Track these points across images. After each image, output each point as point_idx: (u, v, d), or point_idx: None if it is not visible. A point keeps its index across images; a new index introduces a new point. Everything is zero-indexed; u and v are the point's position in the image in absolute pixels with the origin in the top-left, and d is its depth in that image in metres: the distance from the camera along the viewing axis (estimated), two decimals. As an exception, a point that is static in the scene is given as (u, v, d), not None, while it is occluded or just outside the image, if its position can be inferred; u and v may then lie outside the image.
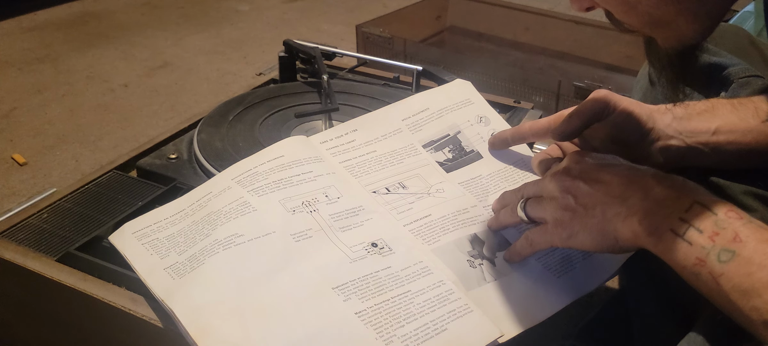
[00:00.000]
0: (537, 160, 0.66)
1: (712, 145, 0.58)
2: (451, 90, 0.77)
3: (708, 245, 0.42)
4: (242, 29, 2.17)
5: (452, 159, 0.70)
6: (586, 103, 0.60)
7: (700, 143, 0.59)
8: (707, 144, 0.58)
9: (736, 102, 0.59)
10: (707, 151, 0.59)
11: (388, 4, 2.40)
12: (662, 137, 0.60)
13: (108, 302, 0.57)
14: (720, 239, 0.42)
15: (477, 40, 1.93)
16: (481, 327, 0.53)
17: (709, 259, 0.42)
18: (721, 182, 0.58)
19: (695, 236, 0.43)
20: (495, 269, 0.58)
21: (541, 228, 0.55)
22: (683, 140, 0.59)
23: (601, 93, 0.60)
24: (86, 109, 1.58)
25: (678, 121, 0.59)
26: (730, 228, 0.42)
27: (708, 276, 0.42)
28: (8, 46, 1.94)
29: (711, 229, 0.43)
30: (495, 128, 0.73)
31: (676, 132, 0.59)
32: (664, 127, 0.60)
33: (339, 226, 0.60)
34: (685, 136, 0.59)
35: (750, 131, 0.57)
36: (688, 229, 0.44)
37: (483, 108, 0.75)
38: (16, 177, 1.29)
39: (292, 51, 1.01)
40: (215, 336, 0.49)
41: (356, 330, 0.50)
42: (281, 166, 0.64)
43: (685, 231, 0.44)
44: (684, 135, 0.59)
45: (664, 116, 0.60)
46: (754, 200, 0.57)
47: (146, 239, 0.59)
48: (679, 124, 0.59)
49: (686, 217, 0.44)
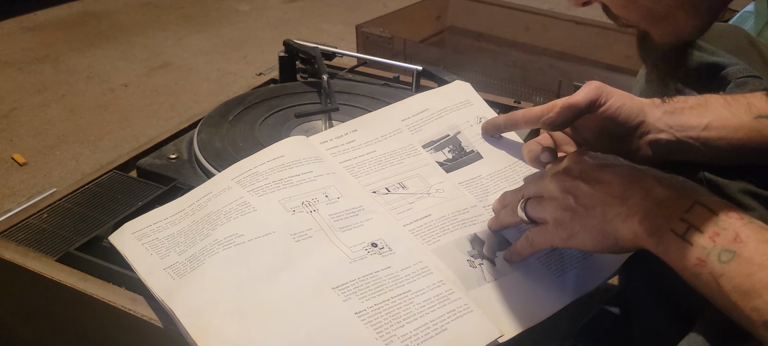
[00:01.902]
0: (527, 148, 0.65)
1: (702, 139, 0.58)
2: (451, 91, 0.77)
3: (709, 246, 0.42)
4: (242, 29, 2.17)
5: (452, 159, 0.70)
6: (578, 94, 0.60)
7: (691, 138, 0.59)
8: (698, 139, 0.58)
9: (730, 98, 0.59)
10: (697, 146, 0.58)
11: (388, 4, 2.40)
12: (652, 130, 0.60)
13: (108, 302, 0.57)
14: (721, 240, 0.42)
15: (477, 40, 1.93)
16: (481, 327, 0.53)
17: (709, 259, 0.42)
18: (718, 180, 0.58)
19: (696, 237, 0.43)
20: (495, 269, 0.58)
21: (542, 228, 0.55)
22: (673, 134, 0.59)
23: (593, 84, 0.60)
24: (86, 109, 1.58)
25: (669, 115, 0.59)
26: (731, 228, 0.42)
27: (708, 276, 0.42)
28: (8, 46, 1.94)
29: (712, 229, 0.43)
30: None
31: (667, 126, 0.59)
32: (654, 120, 0.60)
33: (339, 226, 0.60)
34: (676, 130, 0.59)
35: (742, 127, 0.57)
36: (688, 229, 0.44)
37: (482, 109, 0.75)
38: (16, 177, 1.29)
39: (292, 51, 1.01)
40: (215, 336, 0.49)
41: (356, 330, 0.50)
42: (281, 167, 0.64)
43: (686, 231, 0.44)
44: (674, 129, 0.59)
45: (655, 110, 0.60)
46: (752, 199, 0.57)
47: (146, 239, 0.59)
48: (670, 118, 0.59)
49: (687, 217, 0.44)
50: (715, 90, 0.63)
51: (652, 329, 0.63)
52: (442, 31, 1.96)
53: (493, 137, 0.72)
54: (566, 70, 1.68)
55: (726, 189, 0.58)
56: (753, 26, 1.30)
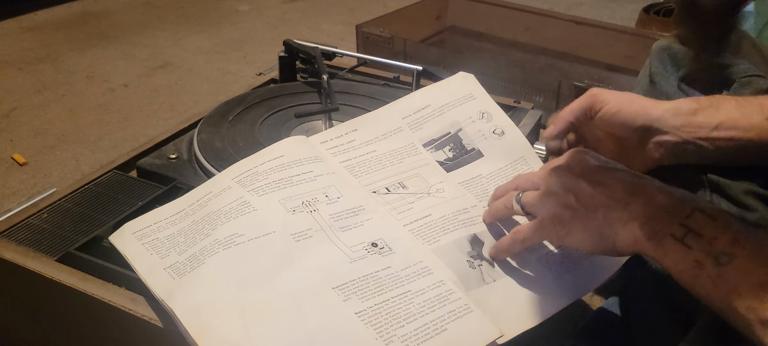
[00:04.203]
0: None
1: (712, 140, 0.58)
2: (453, 84, 0.76)
3: (706, 249, 0.43)
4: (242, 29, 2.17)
5: (453, 158, 0.69)
6: (573, 103, 0.60)
7: (700, 138, 0.58)
8: (708, 139, 0.58)
9: (742, 99, 0.59)
10: (707, 147, 0.58)
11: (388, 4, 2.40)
12: (659, 132, 0.59)
13: (108, 302, 0.57)
14: (718, 243, 0.42)
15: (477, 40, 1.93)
16: (481, 327, 0.53)
17: (707, 262, 0.42)
18: (721, 180, 0.58)
19: (694, 241, 0.43)
20: (494, 271, 0.58)
21: (536, 223, 0.55)
22: (681, 135, 0.59)
23: (590, 92, 0.60)
24: (86, 109, 1.58)
25: (678, 116, 0.59)
26: (729, 233, 0.42)
27: (706, 278, 0.42)
28: (8, 46, 1.94)
29: (710, 233, 0.43)
30: (497, 124, 0.73)
31: (674, 127, 0.59)
32: (660, 122, 0.59)
33: (339, 226, 0.60)
34: (685, 130, 0.59)
35: (753, 128, 0.57)
36: (687, 233, 0.44)
37: (485, 103, 0.74)
38: (16, 177, 1.29)
39: (292, 51, 1.01)
40: (215, 336, 0.49)
41: (356, 330, 0.50)
42: (281, 166, 0.64)
43: (684, 235, 0.44)
44: (683, 130, 0.59)
45: (664, 111, 0.60)
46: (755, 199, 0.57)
47: (146, 239, 0.59)
48: (677, 119, 0.59)
49: (686, 222, 0.44)
50: (718, 90, 0.63)
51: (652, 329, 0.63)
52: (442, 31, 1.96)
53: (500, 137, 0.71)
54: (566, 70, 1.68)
55: (729, 189, 0.58)
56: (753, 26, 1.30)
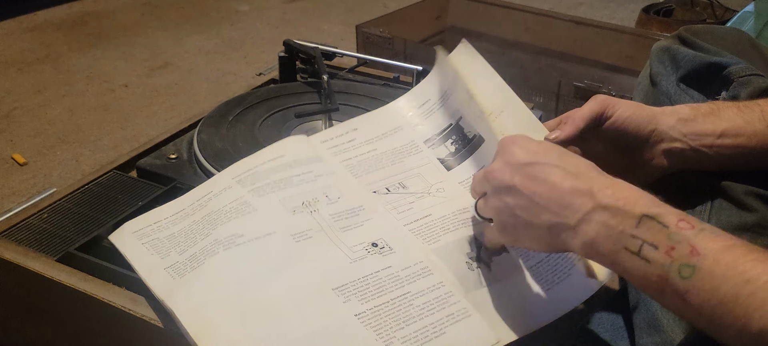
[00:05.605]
0: None
1: (717, 147, 0.58)
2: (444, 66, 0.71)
3: (666, 262, 0.40)
4: (242, 29, 2.17)
5: (456, 151, 0.69)
6: (582, 109, 0.59)
7: (705, 146, 0.58)
8: (712, 147, 0.58)
9: (742, 105, 0.59)
10: (712, 154, 0.58)
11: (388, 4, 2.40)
12: (665, 140, 0.59)
13: (108, 302, 0.57)
14: (677, 254, 0.40)
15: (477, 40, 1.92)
16: (479, 332, 0.53)
17: (670, 276, 0.40)
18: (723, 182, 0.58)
19: (651, 253, 0.41)
20: (490, 274, 0.58)
21: (491, 227, 0.55)
22: (687, 143, 0.58)
23: (598, 99, 0.60)
24: (86, 109, 1.58)
25: (682, 123, 0.59)
26: (685, 241, 0.40)
27: (673, 294, 0.40)
28: (8, 46, 1.94)
29: (665, 243, 0.41)
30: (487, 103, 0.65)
31: (681, 134, 0.59)
32: (667, 129, 0.59)
33: (339, 226, 0.60)
34: (690, 138, 0.58)
35: (756, 135, 0.57)
36: (642, 245, 0.42)
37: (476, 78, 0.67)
38: (16, 177, 1.29)
39: (292, 51, 1.01)
40: (215, 336, 0.49)
41: (356, 332, 0.50)
42: (281, 166, 0.64)
43: (640, 248, 0.42)
44: (688, 138, 0.58)
45: (668, 118, 0.59)
46: (756, 199, 0.57)
47: (147, 239, 0.59)
48: (683, 126, 0.59)
49: (637, 233, 0.42)
50: (717, 90, 0.63)
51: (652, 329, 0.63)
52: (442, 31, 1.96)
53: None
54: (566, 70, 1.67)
55: (730, 191, 0.58)
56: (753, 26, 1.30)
